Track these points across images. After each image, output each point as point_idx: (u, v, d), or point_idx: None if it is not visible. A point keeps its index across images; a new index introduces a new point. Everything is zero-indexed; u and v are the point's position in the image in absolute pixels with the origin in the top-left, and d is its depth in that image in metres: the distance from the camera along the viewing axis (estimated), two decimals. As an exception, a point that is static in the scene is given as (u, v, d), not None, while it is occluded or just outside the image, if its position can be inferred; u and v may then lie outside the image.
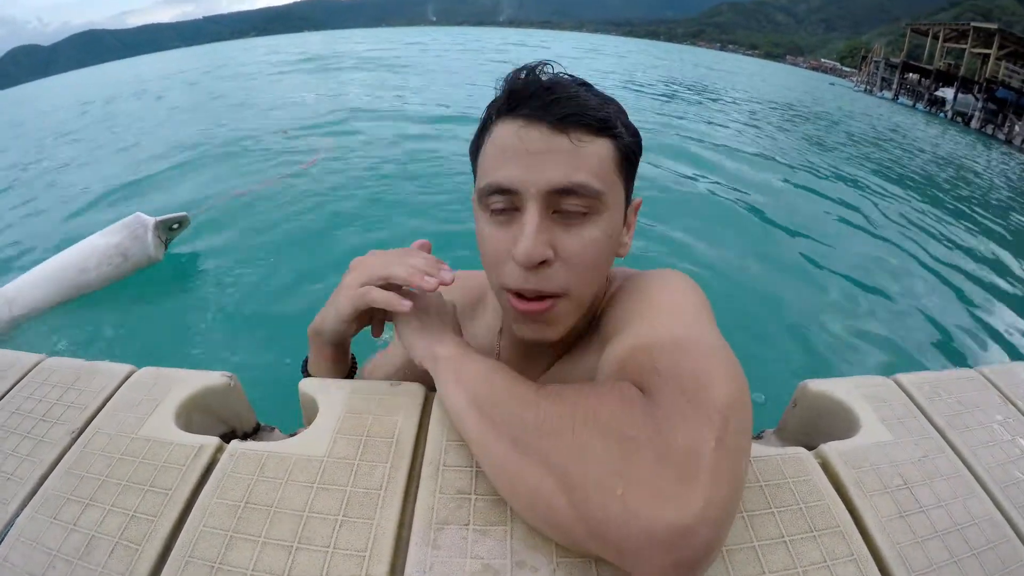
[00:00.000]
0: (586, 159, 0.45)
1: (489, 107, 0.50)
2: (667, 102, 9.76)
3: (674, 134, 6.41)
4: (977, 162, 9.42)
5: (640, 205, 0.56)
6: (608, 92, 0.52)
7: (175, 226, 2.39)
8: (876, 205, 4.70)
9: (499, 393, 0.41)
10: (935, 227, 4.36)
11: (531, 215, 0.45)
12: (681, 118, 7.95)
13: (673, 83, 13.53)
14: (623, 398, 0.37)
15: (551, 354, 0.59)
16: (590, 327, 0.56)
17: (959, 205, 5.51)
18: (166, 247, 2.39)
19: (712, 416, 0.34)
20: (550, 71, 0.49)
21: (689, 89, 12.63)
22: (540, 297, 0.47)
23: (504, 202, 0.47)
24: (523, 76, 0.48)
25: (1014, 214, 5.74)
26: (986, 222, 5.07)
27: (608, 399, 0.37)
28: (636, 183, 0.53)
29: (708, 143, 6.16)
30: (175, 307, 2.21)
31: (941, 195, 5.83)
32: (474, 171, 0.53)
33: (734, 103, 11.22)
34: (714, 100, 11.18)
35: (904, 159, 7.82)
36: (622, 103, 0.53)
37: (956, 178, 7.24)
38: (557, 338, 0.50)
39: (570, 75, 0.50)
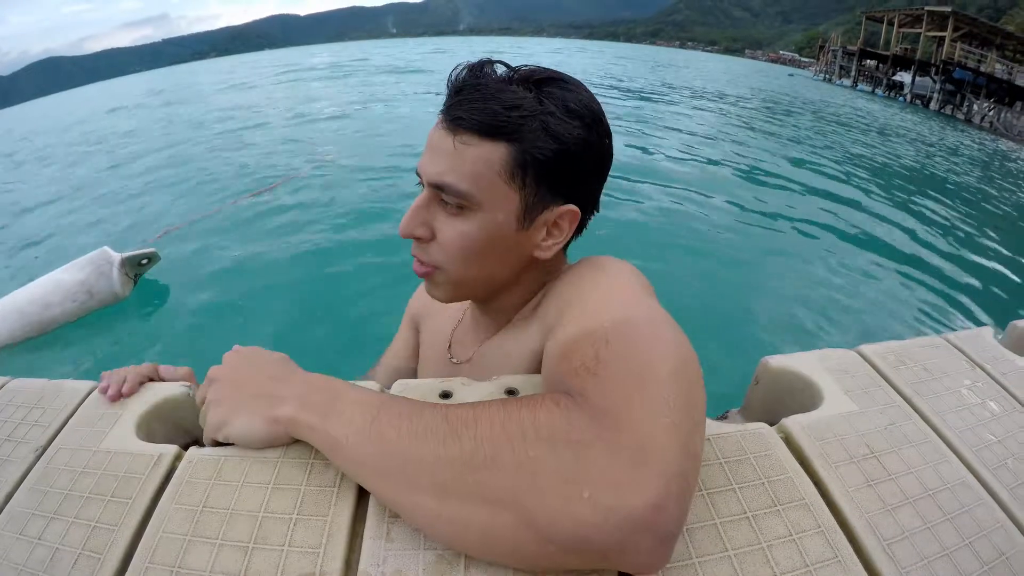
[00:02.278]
0: (463, 161, 0.48)
1: None
2: (631, 100, 9.86)
3: (639, 130, 6.47)
4: (936, 141, 9.49)
5: (576, 214, 0.52)
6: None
7: (144, 262, 2.30)
8: (835, 187, 4.75)
9: (397, 444, 0.36)
10: (898, 206, 4.39)
11: (418, 198, 0.52)
12: (647, 114, 8.03)
13: (635, 81, 13.68)
14: (559, 404, 0.35)
15: (494, 325, 0.62)
16: (528, 305, 0.59)
17: (920, 184, 5.58)
18: (135, 283, 2.31)
19: (656, 396, 0.34)
20: (490, 71, 0.50)
21: (653, 88, 12.75)
22: (417, 260, 0.53)
23: (418, 182, 0.53)
24: (454, 75, 0.50)
25: (975, 188, 5.78)
26: (947, 197, 5.10)
27: (542, 410, 0.35)
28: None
29: (673, 136, 6.22)
30: (140, 329, 2.19)
31: (902, 174, 5.88)
32: None
33: (697, 97, 11.32)
34: (677, 96, 11.28)
35: (862, 142, 7.87)
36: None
37: (916, 157, 7.30)
38: (443, 300, 0.56)
39: (518, 72, 0.50)
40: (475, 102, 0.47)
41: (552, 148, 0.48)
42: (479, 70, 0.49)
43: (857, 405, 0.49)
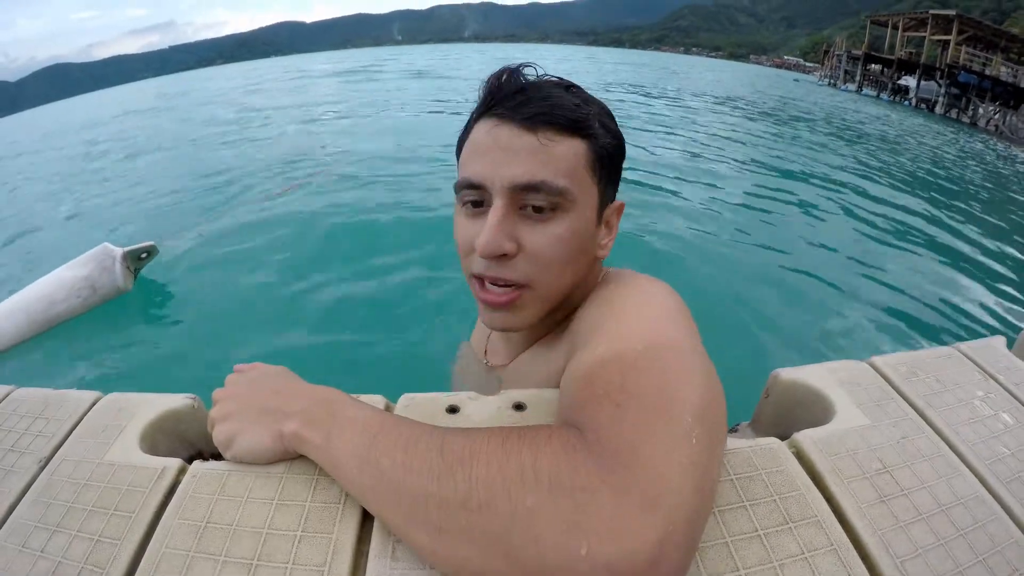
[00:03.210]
0: (552, 158, 0.46)
1: (474, 110, 0.53)
2: (639, 105, 9.84)
3: (646, 135, 6.45)
4: (943, 145, 9.44)
5: (623, 208, 0.56)
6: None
7: (143, 255, 2.35)
8: (841, 194, 4.71)
9: (393, 477, 0.35)
10: (907, 212, 4.36)
11: (495, 209, 0.47)
12: (653, 118, 8.00)
13: (642, 87, 13.67)
14: (565, 446, 0.33)
15: (528, 339, 0.60)
16: (565, 320, 0.56)
17: (927, 189, 5.52)
18: (135, 276, 2.36)
19: (679, 433, 0.33)
20: (532, 73, 0.51)
21: (657, 91, 12.74)
22: (504, 285, 0.48)
23: (475, 196, 0.49)
24: (502, 78, 0.50)
25: (983, 193, 5.74)
26: (956, 202, 5.06)
27: (547, 450, 0.33)
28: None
29: (680, 144, 6.19)
30: (144, 331, 2.19)
31: (909, 180, 5.84)
32: (458, 169, 0.55)
33: (702, 103, 11.28)
34: (683, 101, 11.25)
35: (868, 147, 7.83)
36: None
37: (923, 163, 7.26)
38: (521, 328, 0.51)
39: (557, 77, 0.52)
40: (543, 100, 0.46)
41: (612, 143, 0.50)
42: (522, 73, 0.50)
43: (869, 418, 0.48)
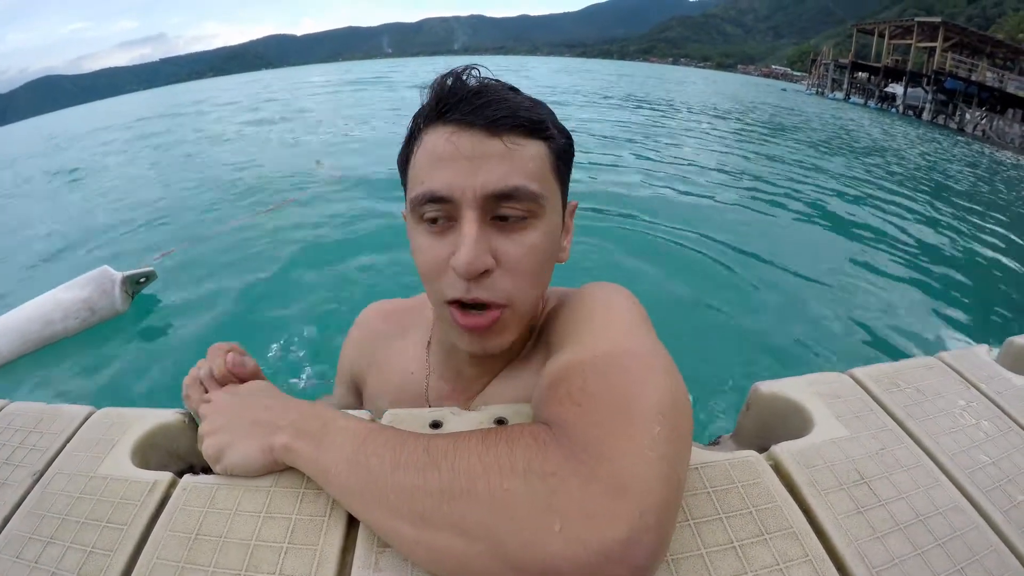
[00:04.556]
0: (521, 162, 0.44)
1: (416, 116, 0.48)
2: (629, 116, 9.80)
3: (631, 147, 6.42)
4: (930, 151, 9.40)
5: (576, 208, 0.55)
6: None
7: (142, 280, 2.42)
8: (827, 202, 4.70)
9: (380, 473, 0.36)
10: (891, 220, 4.34)
11: (469, 223, 0.43)
12: (640, 131, 7.96)
13: (632, 98, 13.63)
14: (536, 438, 0.35)
15: (488, 370, 0.57)
16: (528, 342, 0.55)
17: (914, 196, 5.51)
18: (132, 299, 2.41)
19: (640, 428, 0.34)
20: (476, 75, 0.48)
21: (648, 103, 12.71)
22: (482, 306, 0.46)
23: (439, 211, 0.45)
24: (449, 82, 0.46)
25: (969, 198, 5.73)
26: (942, 209, 5.05)
27: (521, 442, 0.35)
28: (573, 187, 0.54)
29: (668, 155, 6.18)
30: (136, 347, 2.21)
31: (896, 187, 5.82)
32: (404, 183, 0.51)
33: (691, 113, 11.27)
34: (673, 112, 11.23)
35: (856, 155, 7.82)
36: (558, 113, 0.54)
37: (909, 169, 7.24)
38: (503, 349, 0.49)
39: (495, 79, 0.49)
40: (501, 102, 0.44)
41: (565, 143, 0.49)
42: (475, 74, 0.47)
43: (848, 430, 0.49)
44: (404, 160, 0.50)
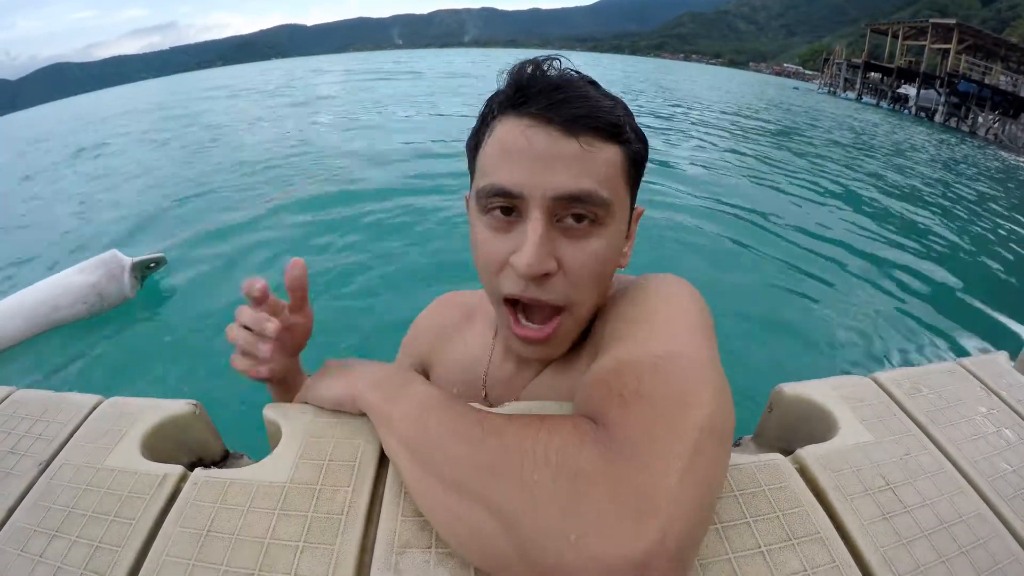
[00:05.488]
0: (595, 166, 0.42)
1: (491, 100, 0.46)
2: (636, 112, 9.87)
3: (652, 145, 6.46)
4: (944, 155, 9.44)
5: (642, 214, 0.53)
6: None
7: (152, 265, 2.40)
8: (842, 203, 4.71)
9: (435, 435, 0.38)
10: (911, 225, 4.36)
11: (535, 223, 0.42)
12: (655, 129, 7.99)
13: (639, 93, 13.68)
14: (576, 429, 0.34)
15: (541, 361, 0.56)
16: (583, 335, 0.53)
17: (928, 198, 5.54)
18: (141, 285, 2.39)
19: (686, 443, 0.33)
20: (558, 66, 0.45)
21: (661, 99, 12.73)
22: (539, 305, 0.46)
23: (504, 203, 0.44)
24: (529, 70, 0.44)
25: (983, 203, 5.75)
26: (958, 212, 5.06)
27: (561, 431, 0.34)
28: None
29: (684, 153, 6.18)
30: (146, 335, 2.19)
31: (908, 189, 5.84)
32: (471, 168, 0.49)
33: (704, 113, 11.30)
34: (685, 111, 11.25)
35: (871, 157, 7.86)
36: None
37: (926, 173, 7.27)
38: (558, 355, 0.49)
39: (576, 71, 0.47)
40: (581, 100, 0.42)
41: (641, 148, 0.47)
42: (557, 65, 0.45)
43: (872, 435, 0.48)
44: (474, 145, 0.48)
